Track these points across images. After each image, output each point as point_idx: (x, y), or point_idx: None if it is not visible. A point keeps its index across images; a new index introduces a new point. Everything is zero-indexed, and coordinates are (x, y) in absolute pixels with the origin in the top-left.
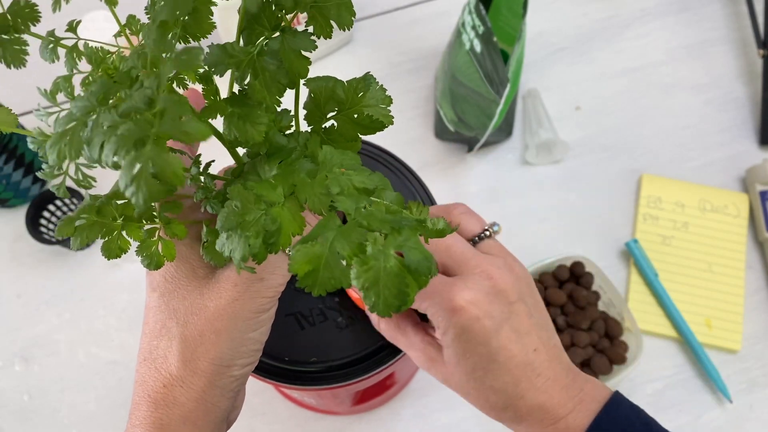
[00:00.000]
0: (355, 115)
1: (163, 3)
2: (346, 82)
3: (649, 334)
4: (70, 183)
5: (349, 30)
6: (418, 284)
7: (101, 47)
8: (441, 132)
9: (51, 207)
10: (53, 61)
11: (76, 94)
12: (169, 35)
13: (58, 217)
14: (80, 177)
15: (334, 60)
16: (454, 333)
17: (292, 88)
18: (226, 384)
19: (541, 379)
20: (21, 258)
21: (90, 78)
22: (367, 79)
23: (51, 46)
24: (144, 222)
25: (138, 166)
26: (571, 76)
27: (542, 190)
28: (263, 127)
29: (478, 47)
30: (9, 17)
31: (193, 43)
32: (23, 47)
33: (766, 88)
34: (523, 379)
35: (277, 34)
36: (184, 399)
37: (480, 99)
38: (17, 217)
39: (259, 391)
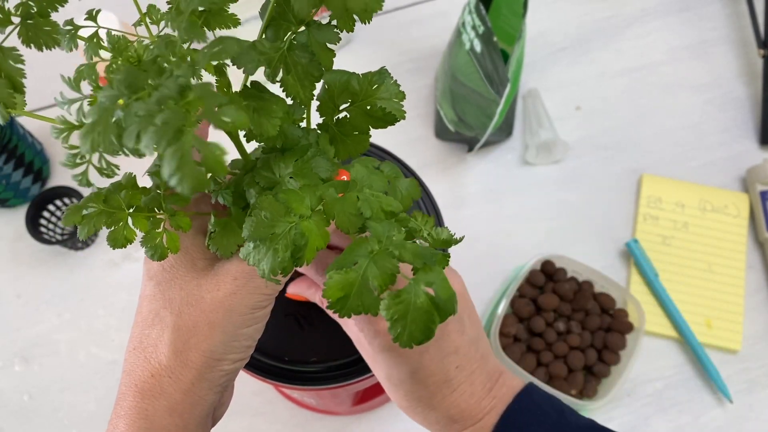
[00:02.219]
0: (368, 107)
1: None
2: (361, 75)
3: (649, 334)
4: (70, 183)
5: (368, 22)
6: (441, 320)
7: (122, 35)
8: (441, 132)
9: (51, 207)
10: (71, 50)
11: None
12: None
13: (58, 217)
14: (104, 165)
15: (335, 60)
16: (377, 349)
17: (319, 81)
18: (216, 378)
19: (457, 393)
20: (21, 258)
21: (114, 66)
22: (382, 73)
23: (70, 34)
24: (153, 212)
25: (181, 154)
26: (572, 76)
27: (542, 190)
28: (278, 121)
29: (478, 47)
30: (31, 3)
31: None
32: (54, 27)
33: (766, 87)
34: (437, 394)
35: (303, 28)
36: (172, 390)
37: (480, 99)
38: (17, 217)
39: (259, 391)
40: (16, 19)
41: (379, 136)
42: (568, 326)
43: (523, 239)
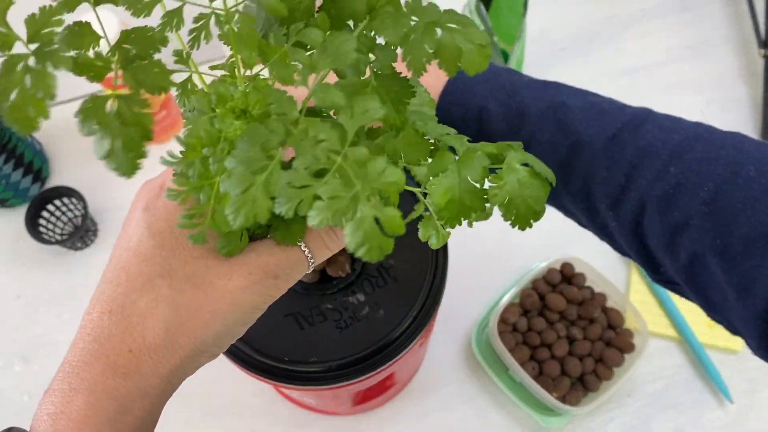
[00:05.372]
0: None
1: (323, 51)
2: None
3: (649, 334)
4: (70, 183)
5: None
6: (545, 191)
7: (221, 80)
8: None
9: (50, 207)
10: (160, 95)
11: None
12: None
13: (57, 217)
14: (218, 220)
15: None
16: None
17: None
18: (191, 368)
19: None
20: (21, 258)
21: (228, 122)
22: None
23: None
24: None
25: (365, 228)
26: (572, 76)
27: None
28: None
29: None
30: (129, 46)
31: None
32: (163, 69)
33: (767, 88)
34: None
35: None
36: (149, 372)
37: None
38: (17, 217)
39: (259, 392)
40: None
41: None
42: (569, 331)
43: (524, 239)
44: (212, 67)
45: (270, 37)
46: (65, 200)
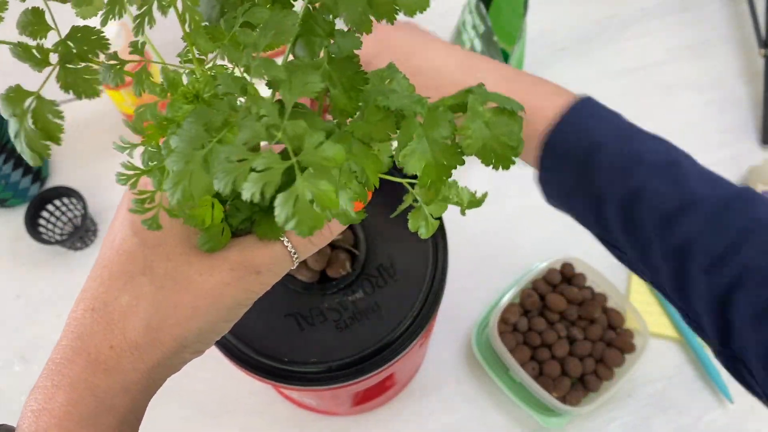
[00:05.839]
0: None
1: (262, 29)
2: (370, 72)
3: (650, 334)
4: (69, 183)
5: (383, 21)
6: (518, 124)
7: (174, 69)
8: None
9: (50, 207)
10: (117, 85)
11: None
12: (279, 62)
13: (57, 217)
14: (173, 205)
15: None
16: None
17: (364, 92)
18: (175, 364)
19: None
20: (20, 258)
21: (176, 105)
22: (391, 68)
23: (116, 68)
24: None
25: (294, 200)
26: (572, 76)
27: None
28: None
29: (478, 47)
30: (71, 44)
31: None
32: (95, 76)
33: (767, 88)
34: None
35: (332, 41)
36: (131, 368)
37: None
38: (16, 217)
39: (259, 392)
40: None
41: None
42: (569, 331)
43: (524, 239)
44: (178, 55)
45: (221, 22)
46: (65, 200)
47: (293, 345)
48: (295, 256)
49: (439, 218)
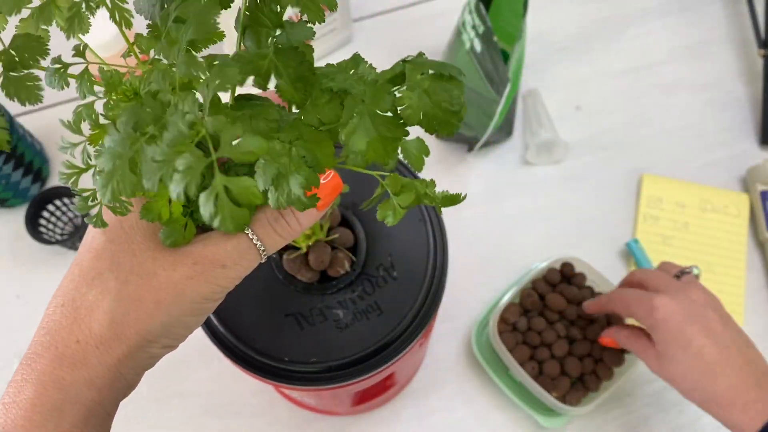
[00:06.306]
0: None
1: (185, 24)
2: (336, 63)
3: None
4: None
5: (334, 11)
6: (458, 88)
7: (114, 69)
8: None
9: (50, 207)
10: (62, 89)
11: (102, 122)
12: (197, 54)
13: (58, 217)
14: (117, 205)
15: (334, 60)
16: (651, 326)
17: (311, 82)
18: (142, 359)
19: (729, 369)
20: (21, 258)
21: (111, 103)
22: (356, 59)
23: (60, 72)
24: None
25: (215, 197)
26: (572, 76)
27: (543, 190)
28: (276, 124)
29: (478, 47)
30: (14, 53)
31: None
32: (36, 83)
33: (766, 88)
34: (716, 365)
35: (279, 31)
36: (96, 362)
37: (480, 99)
38: (17, 217)
39: (259, 392)
40: None
41: None
42: (569, 331)
43: (524, 239)
44: (122, 56)
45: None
46: (65, 200)
47: (293, 345)
48: (262, 249)
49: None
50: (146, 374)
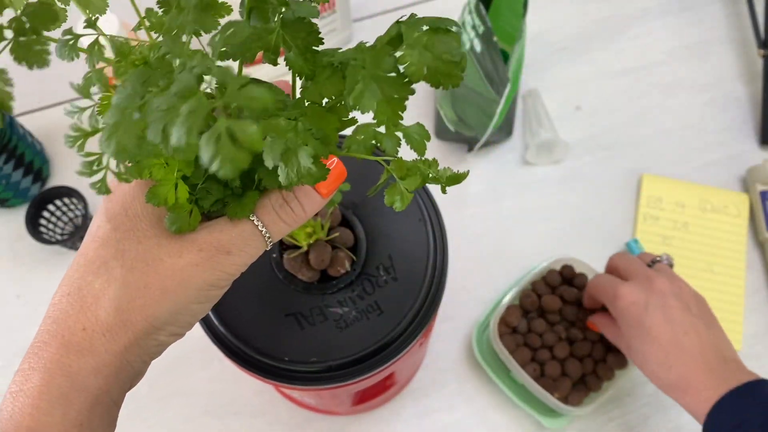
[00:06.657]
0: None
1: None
2: (340, 51)
3: None
4: (70, 183)
5: None
6: (456, 39)
7: (125, 40)
8: (441, 132)
9: (51, 207)
10: (72, 60)
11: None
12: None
13: (58, 217)
14: (122, 169)
15: None
16: (615, 314)
17: (319, 52)
18: (149, 346)
19: (684, 356)
20: (21, 258)
21: (122, 68)
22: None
23: (69, 44)
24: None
25: (216, 138)
26: (572, 76)
27: (542, 190)
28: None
29: (478, 47)
30: (25, 19)
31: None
32: (45, 47)
33: (766, 88)
34: (670, 353)
35: (283, 9)
36: (102, 349)
37: (480, 99)
38: (17, 217)
39: (259, 391)
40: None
41: None
42: (569, 332)
43: (523, 239)
44: (133, 29)
45: None
46: (65, 200)
47: (294, 344)
48: (268, 235)
49: (413, 192)
50: (147, 374)
